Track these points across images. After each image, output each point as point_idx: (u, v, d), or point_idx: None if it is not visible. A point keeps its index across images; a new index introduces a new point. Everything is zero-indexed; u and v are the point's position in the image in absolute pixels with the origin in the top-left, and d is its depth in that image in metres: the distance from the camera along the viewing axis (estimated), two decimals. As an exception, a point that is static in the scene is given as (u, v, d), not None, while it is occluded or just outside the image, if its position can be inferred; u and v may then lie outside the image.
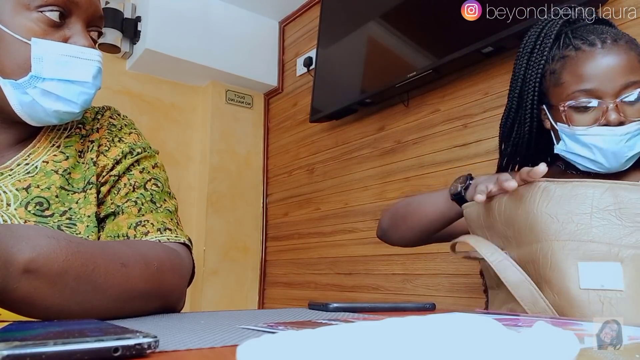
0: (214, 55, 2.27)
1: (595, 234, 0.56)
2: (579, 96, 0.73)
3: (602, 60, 0.71)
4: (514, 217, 0.64)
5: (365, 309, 0.59)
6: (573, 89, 0.74)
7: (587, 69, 0.72)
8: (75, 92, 0.60)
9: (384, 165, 1.83)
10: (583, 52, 0.73)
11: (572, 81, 0.74)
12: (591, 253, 0.55)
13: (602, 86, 0.71)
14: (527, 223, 0.61)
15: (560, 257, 0.57)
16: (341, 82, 1.96)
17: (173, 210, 0.69)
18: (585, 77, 0.72)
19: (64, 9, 0.59)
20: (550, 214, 0.59)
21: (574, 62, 0.74)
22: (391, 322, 0.20)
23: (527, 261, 0.62)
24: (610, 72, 0.71)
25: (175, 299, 0.59)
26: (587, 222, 0.57)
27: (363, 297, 1.82)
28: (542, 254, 0.58)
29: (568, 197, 0.59)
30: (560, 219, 0.58)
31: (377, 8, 1.82)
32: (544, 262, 0.58)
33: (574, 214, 0.58)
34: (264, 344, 0.19)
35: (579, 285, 0.55)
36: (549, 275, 0.58)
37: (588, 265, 0.55)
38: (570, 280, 0.55)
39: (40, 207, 0.59)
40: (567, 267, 0.56)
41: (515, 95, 0.84)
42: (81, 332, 0.27)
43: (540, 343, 0.19)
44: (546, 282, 0.58)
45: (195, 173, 2.41)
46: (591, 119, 0.72)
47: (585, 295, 0.54)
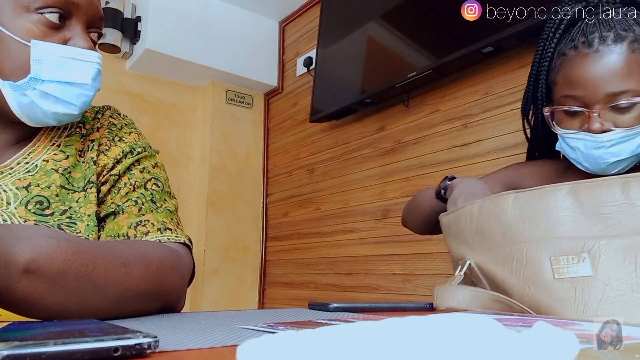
0: (214, 55, 2.27)
1: (562, 231, 0.61)
2: (567, 102, 0.74)
3: (592, 67, 0.70)
4: (485, 227, 0.67)
5: (365, 309, 0.59)
6: (562, 92, 0.74)
7: (577, 74, 0.72)
8: (74, 94, 0.60)
9: (384, 165, 1.83)
10: (578, 54, 0.73)
11: (562, 84, 0.74)
12: (561, 248, 0.60)
13: (589, 94, 0.70)
14: (500, 230, 0.65)
15: (534, 254, 0.61)
16: (341, 82, 1.96)
17: (173, 210, 0.69)
18: (573, 83, 0.72)
19: (64, 11, 0.59)
20: (521, 219, 0.64)
21: (568, 64, 0.74)
22: (391, 322, 0.20)
23: (495, 263, 0.65)
24: (598, 81, 0.70)
25: (175, 299, 0.59)
26: (554, 221, 0.62)
27: (363, 297, 1.82)
28: (517, 254, 0.63)
29: (536, 202, 0.63)
30: (531, 222, 0.63)
31: (377, 8, 1.82)
32: (519, 261, 0.62)
33: (543, 217, 0.62)
34: (264, 344, 0.19)
35: (553, 276, 0.59)
36: (525, 271, 0.62)
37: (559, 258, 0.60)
38: (545, 273, 0.60)
39: (40, 206, 0.59)
40: (541, 263, 0.60)
41: (531, 82, 0.84)
42: (81, 332, 0.27)
43: (540, 343, 0.19)
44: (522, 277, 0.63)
45: (195, 173, 2.41)
46: (577, 123, 0.73)
47: (559, 284, 0.59)
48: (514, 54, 1.42)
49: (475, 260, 0.67)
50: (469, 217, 0.69)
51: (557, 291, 0.59)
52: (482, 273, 0.67)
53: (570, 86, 0.73)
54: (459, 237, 0.71)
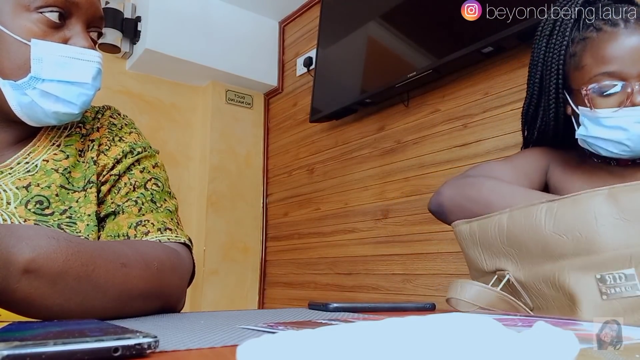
0: (214, 55, 2.27)
1: (602, 243, 0.56)
2: (602, 79, 0.70)
3: (626, 41, 0.69)
4: (519, 238, 0.63)
5: (365, 309, 0.59)
6: (595, 71, 0.71)
7: (610, 50, 0.70)
8: (74, 93, 0.60)
9: (384, 165, 1.83)
10: (605, 33, 0.71)
11: (593, 64, 0.72)
12: (604, 262, 0.55)
13: (626, 67, 0.68)
14: (537, 244, 0.61)
15: (578, 272, 0.57)
16: (341, 82, 1.96)
17: (173, 210, 0.69)
18: (607, 58, 0.70)
19: (64, 10, 0.59)
20: (557, 232, 0.59)
21: (595, 44, 0.72)
22: (391, 322, 0.20)
23: (538, 280, 0.62)
24: (634, 53, 0.68)
25: (175, 299, 0.59)
26: (593, 232, 0.56)
27: (363, 297, 1.82)
28: (559, 272, 0.58)
29: (571, 211, 0.59)
30: (569, 235, 0.58)
31: (377, 8, 1.82)
32: (562, 279, 0.58)
33: (580, 228, 0.57)
34: (264, 344, 0.19)
35: (600, 296, 0.55)
36: (570, 290, 0.58)
37: (605, 276, 0.55)
38: (590, 293, 0.56)
39: (40, 205, 0.59)
40: (586, 281, 0.56)
41: (536, 81, 0.82)
42: (81, 332, 0.27)
43: (540, 343, 0.19)
44: (568, 297, 0.58)
45: (195, 173, 2.41)
46: (615, 102, 0.70)
47: (608, 305, 0.54)
48: (514, 54, 1.42)
49: (515, 275, 0.64)
50: (497, 227, 0.66)
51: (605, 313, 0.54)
52: (523, 287, 0.64)
53: (605, 62, 0.70)
54: (491, 249, 0.67)
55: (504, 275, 0.65)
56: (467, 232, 0.71)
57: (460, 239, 0.74)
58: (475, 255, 0.70)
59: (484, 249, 0.69)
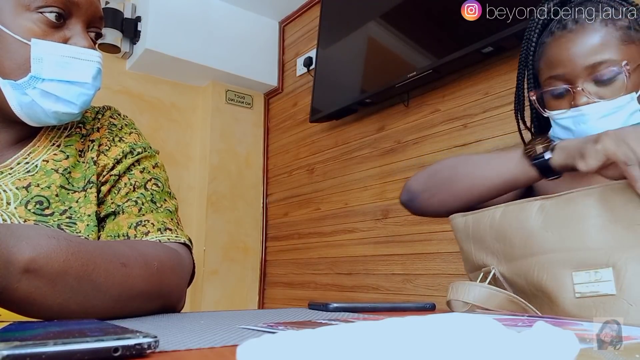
0: (214, 55, 2.27)
1: (588, 241, 0.56)
2: (551, 82, 0.73)
3: (568, 44, 0.71)
4: (506, 233, 0.64)
5: (365, 309, 0.59)
6: (545, 75, 0.74)
7: (555, 54, 0.72)
8: (74, 93, 0.60)
9: (384, 165, 1.83)
10: (554, 38, 0.73)
11: (544, 68, 0.74)
12: (585, 260, 0.55)
13: (569, 70, 0.70)
14: (522, 238, 0.62)
15: (556, 268, 0.57)
16: (341, 82, 1.96)
17: (173, 210, 0.69)
18: (553, 63, 0.72)
19: (64, 10, 0.59)
20: (545, 228, 0.60)
21: (547, 48, 0.74)
22: (391, 322, 0.20)
23: (518, 274, 0.62)
24: (575, 55, 0.70)
25: (175, 299, 0.59)
26: (580, 230, 0.57)
27: (363, 297, 1.82)
28: (537, 266, 0.59)
29: (563, 210, 0.59)
30: (555, 232, 0.59)
31: (377, 8, 1.82)
32: (540, 274, 0.59)
33: (568, 225, 0.58)
34: (264, 344, 0.19)
35: (574, 294, 0.56)
36: (545, 286, 0.58)
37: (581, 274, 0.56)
38: (565, 290, 0.56)
39: (40, 206, 0.59)
40: (562, 277, 0.57)
41: (520, 82, 0.83)
42: (81, 332, 0.27)
43: (540, 343, 0.19)
44: (543, 293, 0.59)
45: (195, 173, 2.41)
46: (565, 104, 0.72)
47: (581, 302, 0.55)
48: (514, 54, 1.41)
49: (499, 270, 0.65)
50: (489, 221, 0.66)
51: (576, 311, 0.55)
52: (508, 283, 0.65)
53: (551, 67, 0.73)
54: (480, 243, 0.68)
55: (490, 271, 0.65)
56: (462, 225, 0.72)
57: (455, 232, 0.75)
58: (468, 249, 0.71)
59: (475, 242, 0.70)
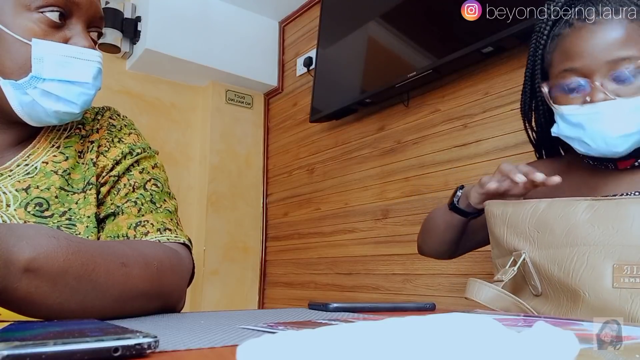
0: (214, 55, 2.27)
1: (632, 239, 0.58)
2: (566, 75, 0.69)
3: (589, 36, 0.67)
4: (549, 222, 0.65)
5: (365, 309, 0.59)
6: (560, 68, 0.70)
7: (573, 46, 0.68)
8: (75, 92, 0.60)
9: (384, 165, 1.83)
10: (573, 29, 0.69)
11: (559, 60, 0.71)
12: (628, 256, 0.57)
13: (588, 63, 0.66)
14: (564, 229, 0.63)
15: (597, 259, 0.59)
16: (341, 82, 1.96)
17: (173, 211, 0.69)
18: (570, 54, 0.68)
19: (65, 10, 0.59)
20: (592, 222, 0.61)
21: (564, 40, 0.70)
22: (391, 322, 0.20)
23: (553, 261, 0.63)
24: (597, 48, 0.66)
25: (175, 299, 0.59)
26: (625, 229, 0.59)
27: (363, 297, 1.82)
28: (578, 255, 0.61)
29: (612, 210, 0.61)
30: (601, 226, 0.60)
31: (377, 8, 1.81)
32: (579, 263, 0.60)
33: (615, 223, 0.60)
34: (264, 344, 0.19)
35: (612, 284, 0.57)
36: (582, 274, 0.60)
37: (622, 266, 0.57)
38: (604, 280, 0.58)
39: (39, 207, 0.59)
40: (603, 269, 0.58)
41: (527, 77, 0.82)
42: (81, 332, 0.27)
43: (540, 343, 0.19)
44: (579, 281, 0.60)
45: (195, 173, 2.41)
46: (580, 98, 0.68)
47: (617, 293, 0.57)
48: (514, 54, 1.42)
49: (531, 255, 0.66)
50: (532, 210, 0.67)
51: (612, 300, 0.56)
52: (536, 270, 0.66)
53: (569, 59, 0.69)
54: (515, 228, 0.69)
55: (520, 255, 0.67)
56: (499, 211, 0.73)
57: (489, 217, 0.75)
58: (500, 233, 0.72)
59: (509, 227, 0.71)
